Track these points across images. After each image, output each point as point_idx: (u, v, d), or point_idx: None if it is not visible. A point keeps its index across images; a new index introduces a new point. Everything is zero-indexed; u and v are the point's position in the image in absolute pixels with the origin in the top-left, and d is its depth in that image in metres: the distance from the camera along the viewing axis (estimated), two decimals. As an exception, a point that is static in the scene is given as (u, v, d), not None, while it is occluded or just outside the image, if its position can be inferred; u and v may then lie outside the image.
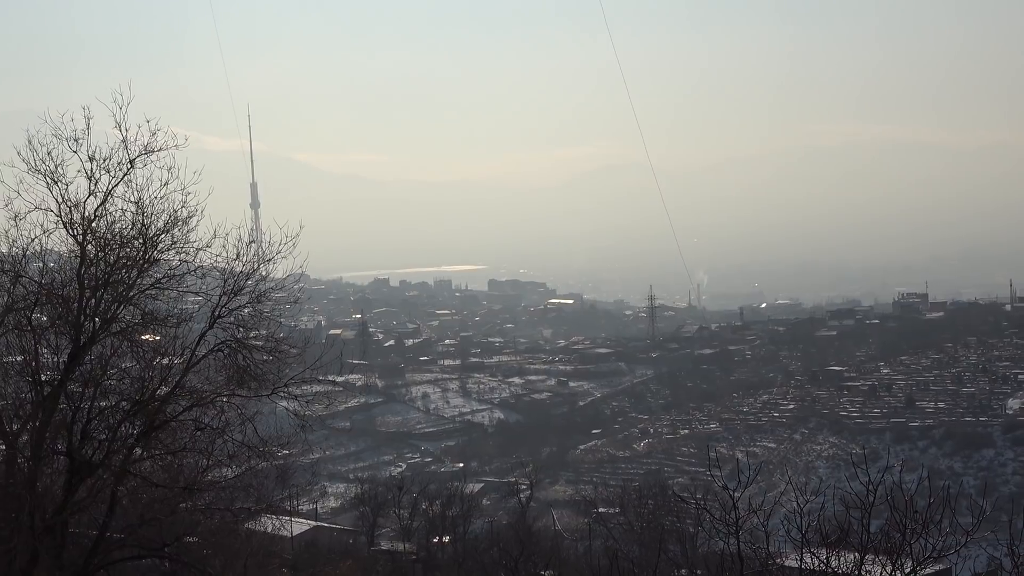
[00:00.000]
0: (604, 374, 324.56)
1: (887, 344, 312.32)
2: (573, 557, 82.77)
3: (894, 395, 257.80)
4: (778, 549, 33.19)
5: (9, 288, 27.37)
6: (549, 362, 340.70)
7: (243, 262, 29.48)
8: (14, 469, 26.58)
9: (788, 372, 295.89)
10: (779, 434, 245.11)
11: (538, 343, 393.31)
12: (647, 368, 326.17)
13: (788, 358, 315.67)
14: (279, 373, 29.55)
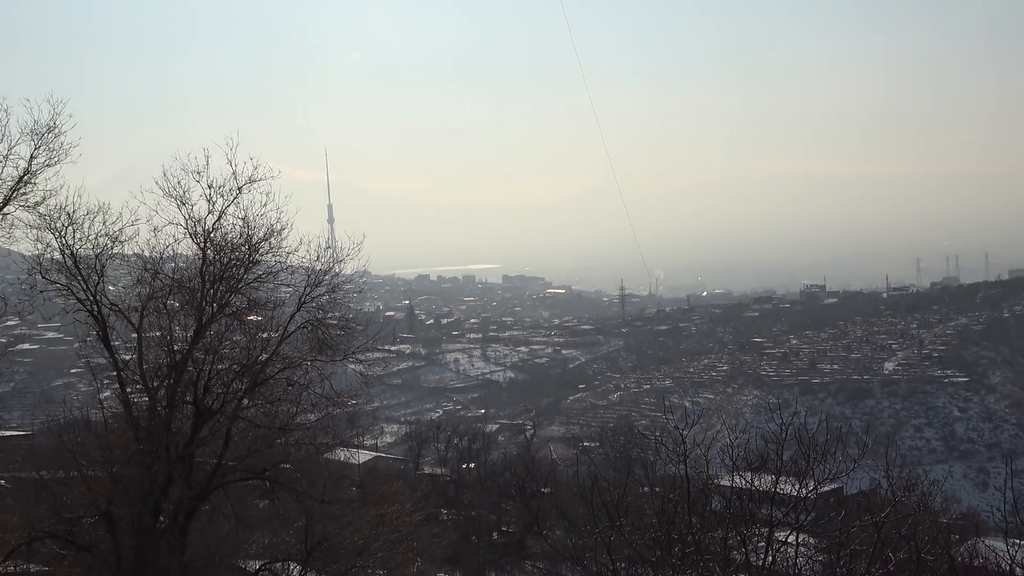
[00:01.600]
0: (587, 344, 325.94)
1: (795, 322, 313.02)
2: (565, 478, 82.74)
3: (800, 360, 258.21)
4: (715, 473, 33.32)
5: (150, 282, 27.49)
6: (547, 335, 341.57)
7: (321, 262, 29.67)
8: (154, 415, 26.72)
9: (722, 343, 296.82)
10: (716, 388, 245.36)
11: (539, 322, 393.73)
12: (619, 340, 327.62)
13: (722, 332, 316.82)
14: (348, 344, 29.68)
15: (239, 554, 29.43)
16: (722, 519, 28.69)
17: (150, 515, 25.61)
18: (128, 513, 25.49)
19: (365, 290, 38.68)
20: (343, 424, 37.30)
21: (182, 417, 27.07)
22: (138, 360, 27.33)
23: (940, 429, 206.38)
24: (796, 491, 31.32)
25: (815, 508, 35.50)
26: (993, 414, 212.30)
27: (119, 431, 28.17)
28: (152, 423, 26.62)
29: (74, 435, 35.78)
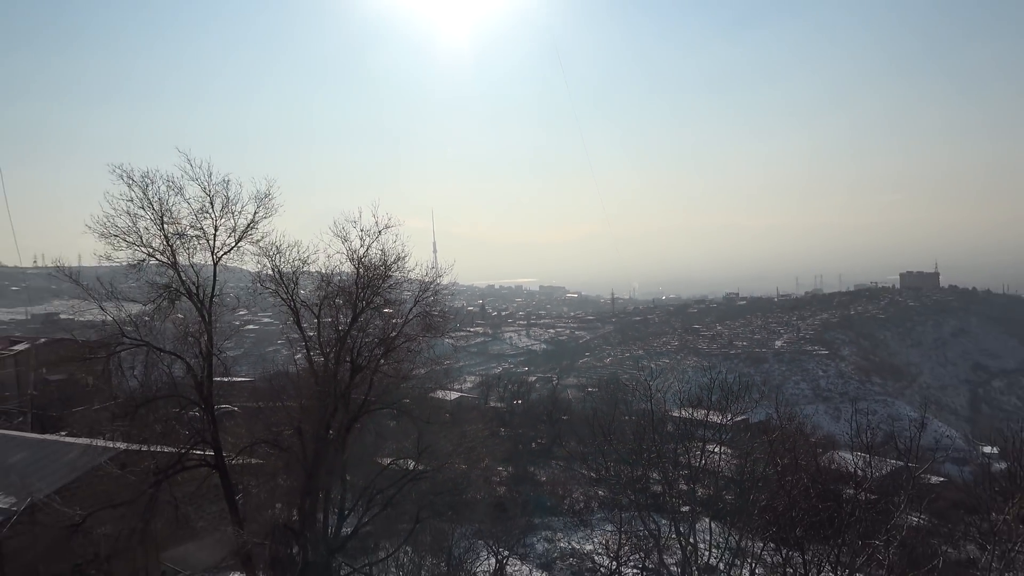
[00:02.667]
0: (590, 328, 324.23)
1: (719, 316, 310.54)
2: (577, 411, 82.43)
3: (722, 339, 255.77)
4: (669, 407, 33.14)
5: (325, 288, 27.70)
6: (566, 323, 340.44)
7: (428, 277, 29.72)
8: (327, 369, 26.90)
9: (674, 328, 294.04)
10: (670, 356, 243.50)
11: (561, 314, 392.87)
12: (610, 326, 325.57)
13: (674, 322, 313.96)
14: (445, 326, 29.74)
15: (378, 454, 29.57)
16: (673, 436, 28.53)
17: (324, 430, 25.79)
18: (310, 428, 25.70)
19: (455, 293, 38.70)
20: (441, 376, 37.49)
21: (343, 371, 27.23)
22: (317, 336, 27.57)
23: (810, 383, 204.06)
24: (719, 420, 31.09)
25: (731, 430, 35.31)
26: (843, 373, 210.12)
27: (305, 379, 28.46)
28: (325, 374, 26.82)
29: (279, 381, 36.17)
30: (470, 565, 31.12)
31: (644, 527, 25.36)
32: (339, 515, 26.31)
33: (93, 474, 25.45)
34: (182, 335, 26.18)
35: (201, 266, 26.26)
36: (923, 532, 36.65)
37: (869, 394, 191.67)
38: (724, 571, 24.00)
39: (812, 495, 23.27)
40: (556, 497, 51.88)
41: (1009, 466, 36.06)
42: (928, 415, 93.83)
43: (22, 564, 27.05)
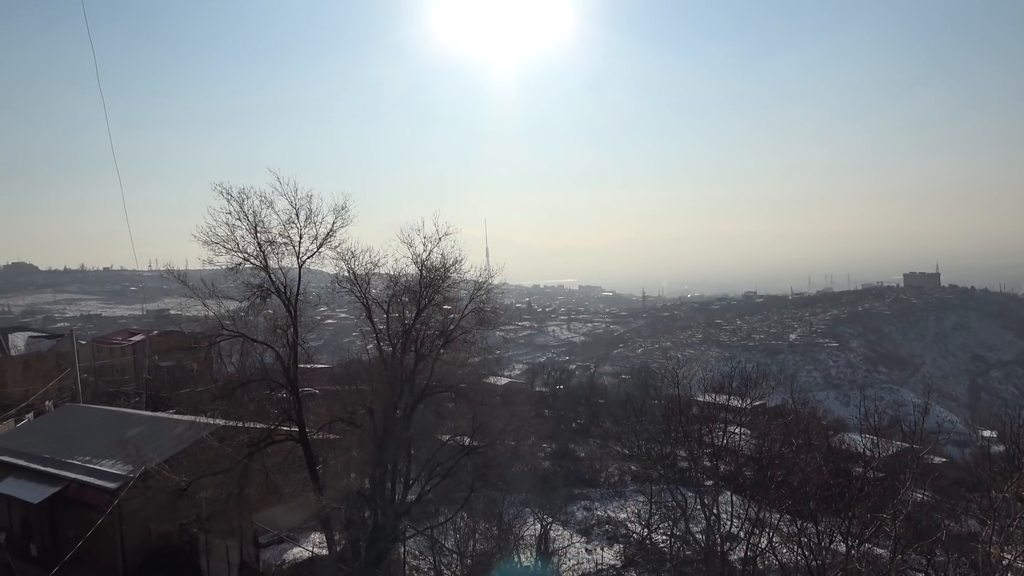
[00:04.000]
0: (623, 322, 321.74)
1: (739, 311, 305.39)
2: (612, 395, 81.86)
3: (742, 332, 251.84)
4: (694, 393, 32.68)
5: (393, 287, 27.88)
6: (602, 318, 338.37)
7: (481, 277, 29.70)
8: (394, 358, 27.07)
9: (698, 323, 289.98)
10: (695, 347, 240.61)
11: (598, 310, 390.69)
12: (641, 320, 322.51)
13: (698, 317, 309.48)
14: (496, 320, 29.66)
15: (438, 431, 29.68)
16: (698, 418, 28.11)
17: (392, 410, 25.96)
18: (380, 409, 25.90)
19: (504, 292, 38.57)
20: (492, 363, 37.50)
21: (408, 359, 27.35)
22: (386, 329, 27.74)
23: (821, 372, 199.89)
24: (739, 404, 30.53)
25: (750, 414, 34.69)
26: (852, 363, 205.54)
27: (376, 366, 28.67)
28: (393, 362, 26.99)
29: (353, 368, 36.54)
30: (518, 529, 31.07)
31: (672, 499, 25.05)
32: (404, 484, 26.49)
33: (196, 446, 26.11)
34: (272, 328, 26.63)
35: (288, 269, 26.72)
36: (927, 508, 35.48)
37: (876, 382, 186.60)
38: (744, 539, 23.54)
39: (824, 472, 22.73)
40: (593, 471, 51.53)
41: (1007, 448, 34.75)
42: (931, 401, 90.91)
43: (137, 522, 27.82)
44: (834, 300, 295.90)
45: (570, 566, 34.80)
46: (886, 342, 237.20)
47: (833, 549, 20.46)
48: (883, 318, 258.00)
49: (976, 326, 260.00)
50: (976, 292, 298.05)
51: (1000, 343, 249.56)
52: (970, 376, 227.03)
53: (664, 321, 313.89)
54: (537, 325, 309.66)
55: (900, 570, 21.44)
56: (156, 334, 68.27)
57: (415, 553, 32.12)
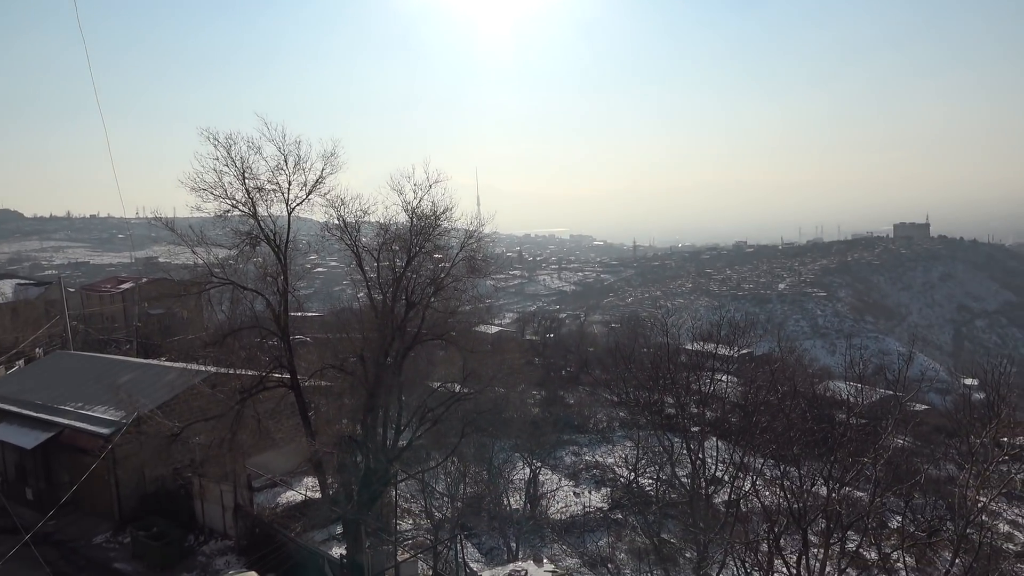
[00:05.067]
0: (614, 271, 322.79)
1: (729, 261, 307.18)
2: (602, 343, 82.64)
3: (731, 281, 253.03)
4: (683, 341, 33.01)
5: (383, 235, 27.71)
6: (592, 267, 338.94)
7: (472, 225, 29.48)
8: (385, 306, 27.08)
9: (689, 272, 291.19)
10: (685, 297, 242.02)
11: (589, 260, 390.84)
12: (632, 270, 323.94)
13: (688, 266, 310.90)
14: (487, 269, 29.56)
15: (429, 378, 29.95)
16: (686, 366, 28.45)
17: (383, 357, 26.11)
18: (371, 356, 26.03)
19: (495, 240, 38.49)
20: (483, 312, 37.51)
21: (399, 307, 27.36)
22: (377, 277, 27.68)
23: (809, 321, 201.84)
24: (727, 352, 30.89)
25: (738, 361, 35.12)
26: (839, 313, 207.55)
27: (367, 314, 28.69)
28: (384, 310, 27.02)
29: (344, 316, 36.63)
30: (508, 474, 31.72)
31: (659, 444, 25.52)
32: (396, 430, 26.84)
33: (189, 393, 26.25)
34: (262, 276, 26.54)
35: (277, 216, 26.50)
36: (907, 452, 36.35)
37: (862, 331, 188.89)
38: (728, 483, 24.09)
39: (808, 418, 23.17)
40: (582, 417, 52.34)
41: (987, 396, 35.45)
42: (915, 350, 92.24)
43: (131, 467, 28.18)
44: (824, 250, 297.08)
45: (558, 509, 35.66)
46: (874, 292, 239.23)
47: (815, 492, 21.00)
48: (872, 268, 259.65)
49: (963, 276, 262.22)
50: (964, 243, 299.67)
51: (986, 293, 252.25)
52: (955, 325, 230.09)
53: (654, 270, 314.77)
54: (528, 274, 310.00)
55: (879, 512, 22.08)
56: (145, 282, 67.92)
57: (407, 496, 32.80)
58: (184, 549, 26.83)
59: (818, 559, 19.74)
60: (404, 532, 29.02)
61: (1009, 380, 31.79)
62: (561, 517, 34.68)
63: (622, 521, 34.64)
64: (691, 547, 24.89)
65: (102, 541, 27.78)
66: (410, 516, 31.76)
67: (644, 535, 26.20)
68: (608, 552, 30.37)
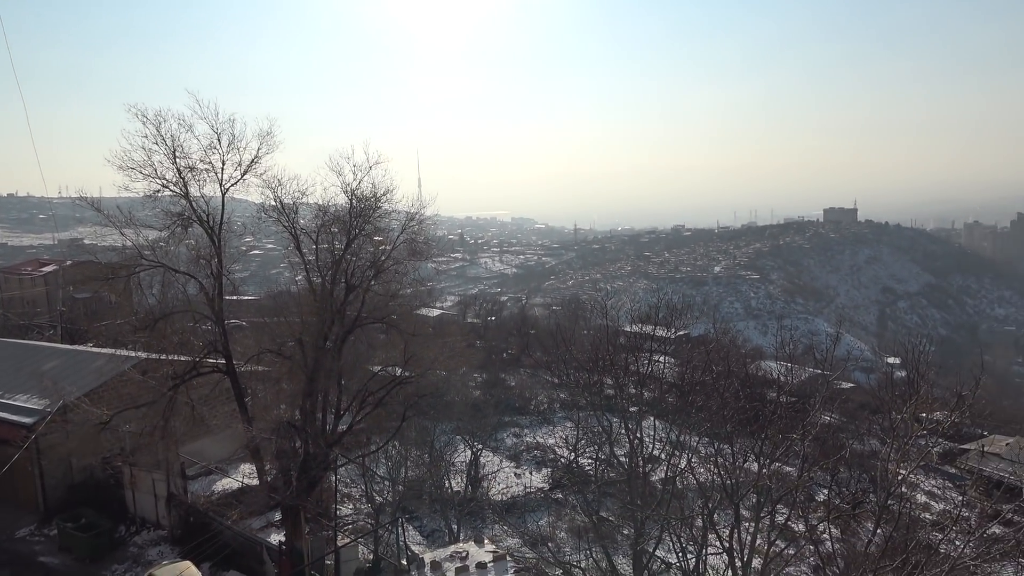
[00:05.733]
0: (555, 254, 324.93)
1: (668, 244, 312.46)
2: (543, 326, 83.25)
3: (670, 265, 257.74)
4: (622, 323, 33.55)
5: (322, 217, 27.27)
6: (533, 250, 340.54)
7: (414, 207, 29.23)
8: (324, 289, 26.69)
9: (628, 255, 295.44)
10: (624, 279, 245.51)
11: (530, 242, 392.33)
12: (572, 253, 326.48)
13: (628, 250, 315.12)
14: (428, 252, 29.38)
15: (369, 362, 29.67)
16: (625, 348, 28.94)
17: (322, 341, 25.76)
18: (310, 340, 25.65)
19: (437, 223, 38.19)
20: (424, 295, 37.39)
21: (338, 290, 27.00)
22: (315, 260, 27.24)
23: (743, 303, 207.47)
24: (665, 334, 31.54)
25: (675, 343, 35.91)
26: (772, 295, 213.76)
27: (305, 297, 28.21)
28: (323, 293, 26.62)
29: (282, 299, 35.94)
30: (449, 456, 31.80)
31: (599, 424, 25.96)
32: (335, 414, 26.57)
33: (118, 379, 25.43)
34: (195, 258, 25.82)
35: (210, 197, 25.74)
36: (833, 429, 37.91)
37: (793, 312, 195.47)
38: (665, 460, 24.71)
39: (741, 397, 23.91)
40: (523, 399, 52.78)
41: (908, 373, 37.20)
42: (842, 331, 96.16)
43: (57, 457, 27.13)
44: (758, 234, 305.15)
45: (499, 490, 35.98)
46: (804, 275, 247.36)
47: (746, 468, 21.74)
48: (802, 251, 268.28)
49: (887, 259, 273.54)
50: (889, 227, 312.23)
51: (908, 276, 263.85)
52: (879, 307, 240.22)
53: (595, 254, 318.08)
54: (469, 257, 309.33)
55: (807, 486, 23.02)
56: (70, 264, 65.15)
57: (347, 481, 32.58)
58: (115, 540, 26.10)
59: (749, 532, 20.48)
60: (344, 517, 28.84)
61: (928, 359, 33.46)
62: (502, 498, 35.01)
63: (562, 500, 35.22)
64: (629, 524, 25.48)
65: (26, 534, 26.79)
66: (351, 501, 31.58)
67: (584, 513, 26.69)
68: (548, 531, 30.86)
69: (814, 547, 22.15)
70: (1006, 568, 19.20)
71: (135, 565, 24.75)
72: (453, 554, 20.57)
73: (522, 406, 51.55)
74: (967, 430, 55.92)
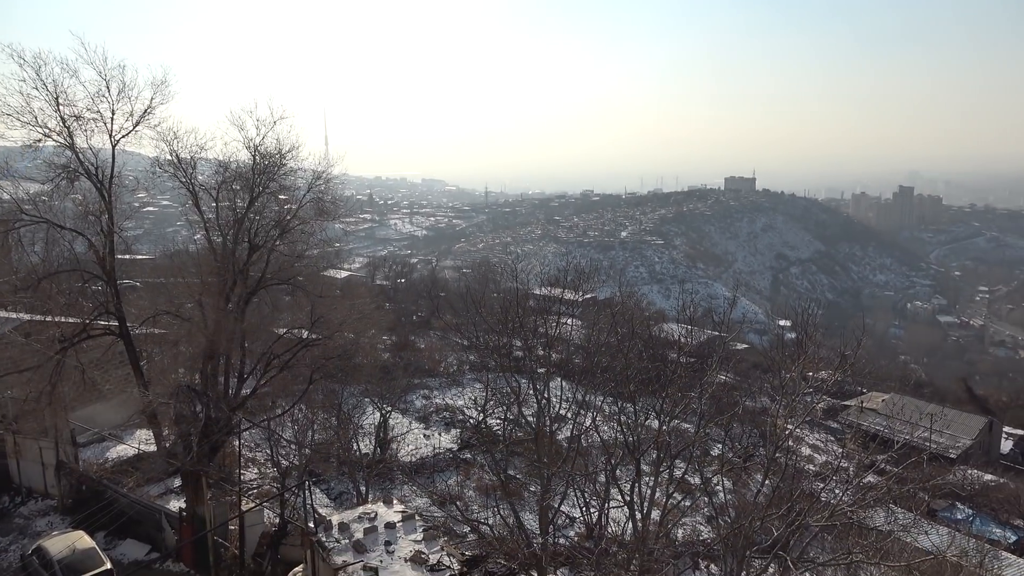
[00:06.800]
0: (466, 217, 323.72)
1: (577, 209, 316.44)
2: (453, 288, 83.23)
3: (579, 229, 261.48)
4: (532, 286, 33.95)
5: (223, 173, 26.26)
6: (445, 212, 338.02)
7: (321, 166, 28.55)
8: (225, 248, 25.82)
9: (538, 219, 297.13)
10: (534, 243, 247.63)
11: (441, 204, 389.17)
12: (484, 216, 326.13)
13: (538, 214, 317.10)
14: (336, 212, 28.86)
15: (273, 324, 28.97)
16: (534, 310, 29.32)
17: (223, 303, 24.97)
18: (211, 301, 24.81)
19: (345, 183, 37.47)
20: (332, 256, 36.64)
21: (241, 250, 26.23)
22: (216, 218, 26.27)
23: (647, 267, 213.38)
24: (573, 297, 32.15)
25: (582, 306, 36.71)
26: (675, 260, 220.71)
27: (205, 257, 27.24)
28: (224, 253, 25.75)
29: (180, 259, 34.43)
30: (358, 419, 31.57)
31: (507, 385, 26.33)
32: (239, 378, 25.88)
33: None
34: (83, 214, 24.37)
35: (99, 149, 24.31)
36: (728, 387, 39.90)
37: (694, 277, 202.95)
38: (571, 419, 25.40)
39: (644, 358, 24.76)
40: (433, 362, 52.87)
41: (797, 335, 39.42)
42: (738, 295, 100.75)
43: (-70, 424, 25.35)
44: (663, 200, 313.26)
45: (408, 451, 36.08)
46: (705, 241, 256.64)
47: (647, 425, 22.63)
48: (704, 218, 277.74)
49: (782, 227, 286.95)
50: (785, 197, 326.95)
51: (800, 243, 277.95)
52: (773, 272, 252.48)
53: (505, 217, 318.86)
54: (379, 218, 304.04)
55: (703, 442, 24.21)
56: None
57: (251, 445, 31.87)
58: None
59: (649, 486, 21.42)
60: (249, 482, 28.27)
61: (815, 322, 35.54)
62: (411, 459, 35.14)
63: (471, 460, 35.69)
64: (535, 481, 26.14)
65: None
66: (255, 465, 30.95)
67: (492, 472, 27.17)
68: (457, 490, 31.26)
69: (708, 498, 23.43)
70: (878, 512, 20.93)
71: (21, 536, 23.52)
72: (361, 515, 20.55)
73: (432, 368, 51.62)
74: (848, 388, 60.13)
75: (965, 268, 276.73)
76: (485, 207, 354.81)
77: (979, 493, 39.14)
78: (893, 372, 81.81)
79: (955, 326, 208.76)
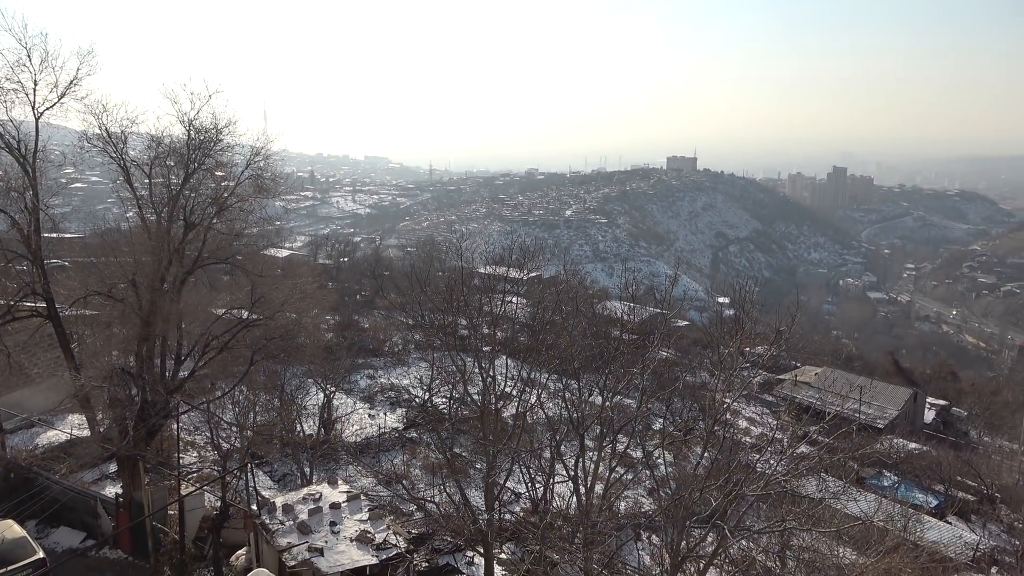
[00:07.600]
0: (410, 195, 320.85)
1: (522, 187, 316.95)
2: (397, 267, 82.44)
3: (523, 208, 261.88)
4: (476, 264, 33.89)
5: (156, 148, 25.37)
6: (388, 190, 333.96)
7: (260, 142, 27.80)
8: (160, 227, 25.03)
9: (483, 198, 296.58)
10: (479, 221, 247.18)
11: (385, 182, 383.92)
12: (428, 194, 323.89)
13: (483, 192, 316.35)
14: (276, 189, 28.24)
15: (212, 304, 28.25)
16: (479, 289, 29.32)
17: (158, 283, 24.23)
18: (145, 281, 24.04)
19: (285, 159, 36.62)
20: (272, 235, 35.85)
21: (176, 228, 25.46)
22: (149, 195, 25.40)
23: (591, 246, 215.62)
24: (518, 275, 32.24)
25: (527, 284, 36.85)
26: (618, 239, 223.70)
27: (138, 235, 26.43)
28: (158, 231, 24.96)
29: (111, 237, 33.22)
30: (301, 400, 31.17)
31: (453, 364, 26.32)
32: (176, 360, 25.23)
33: (-86, 325, 22.62)
34: (4, 190, 23.24)
35: (21, 121, 23.19)
36: (670, 363, 40.76)
37: (637, 255, 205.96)
38: (516, 397, 25.59)
39: (588, 335, 25.06)
40: (377, 341, 52.44)
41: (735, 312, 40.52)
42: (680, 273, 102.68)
43: None
44: (606, 179, 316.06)
45: (353, 432, 35.83)
46: (648, 219, 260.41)
47: (591, 402, 22.96)
48: (647, 197, 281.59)
49: (721, 207, 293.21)
50: (724, 176, 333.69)
51: (739, 222, 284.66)
52: (713, 250, 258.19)
53: (450, 195, 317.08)
54: (320, 196, 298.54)
55: (644, 417, 24.72)
56: None
57: (190, 428, 31.18)
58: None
59: (593, 461, 21.80)
60: (188, 466, 27.67)
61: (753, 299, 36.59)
62: (356, 440, 34.92)
63: (417, 439, 35.67)
64: (481, 458, 26.31)
65: None
66: (195, 449, 30.30)
67: (438, 451, 27.22)
68: (403, 469, 31.23)
69: (650, 471, 23.98)
70: (811, 481, 21.79)
71: (-55, 528, 22.52)
72: (306, 496, 20.38)
73: (376, 348, 51.21)
74: (783, 362, 62.15)
75: (894, 246, 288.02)
76: (429, 185, 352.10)
77: (904, 461, 41.09)
78: (826, 347, 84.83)
79: (884, 302, 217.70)
